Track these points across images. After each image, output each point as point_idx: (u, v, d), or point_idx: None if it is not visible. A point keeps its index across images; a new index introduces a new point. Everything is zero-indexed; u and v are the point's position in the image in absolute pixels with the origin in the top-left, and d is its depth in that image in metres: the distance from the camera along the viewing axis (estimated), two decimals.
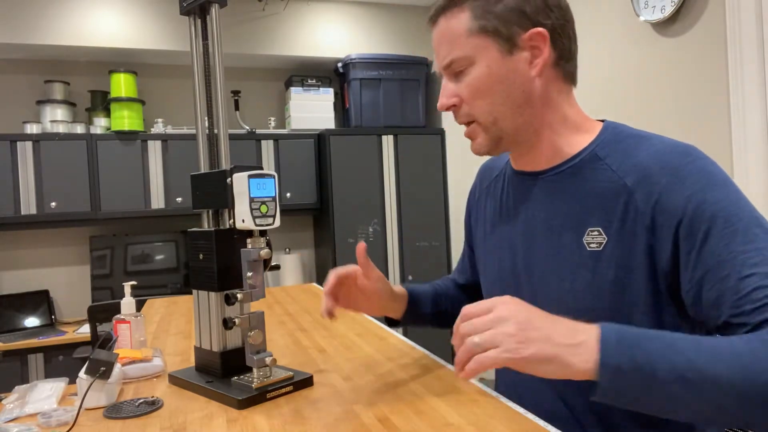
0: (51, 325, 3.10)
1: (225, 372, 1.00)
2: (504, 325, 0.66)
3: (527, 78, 0.85)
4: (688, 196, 0.75)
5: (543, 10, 0.84)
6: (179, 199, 3.20)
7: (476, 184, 1.11)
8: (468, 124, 0.89)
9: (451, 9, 0.86)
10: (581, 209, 0.85)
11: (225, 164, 1.06)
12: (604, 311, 0.81)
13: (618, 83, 2.28)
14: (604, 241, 0.82)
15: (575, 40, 0.88)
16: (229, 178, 0.97)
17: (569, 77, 0.89)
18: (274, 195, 0.96)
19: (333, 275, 0.98)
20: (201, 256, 1.01)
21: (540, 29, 0.83)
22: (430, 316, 1.13)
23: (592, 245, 0.83)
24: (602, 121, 0.91)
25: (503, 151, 0.91)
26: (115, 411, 0.90)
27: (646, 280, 0.78)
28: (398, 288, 1.07)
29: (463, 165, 3.59)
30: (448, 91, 0.88)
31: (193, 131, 3.26)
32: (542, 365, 0.64)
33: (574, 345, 0.64)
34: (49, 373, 2.84)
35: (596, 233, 0.83)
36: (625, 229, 0.80)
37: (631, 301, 0.79)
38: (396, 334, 1.32)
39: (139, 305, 1.58)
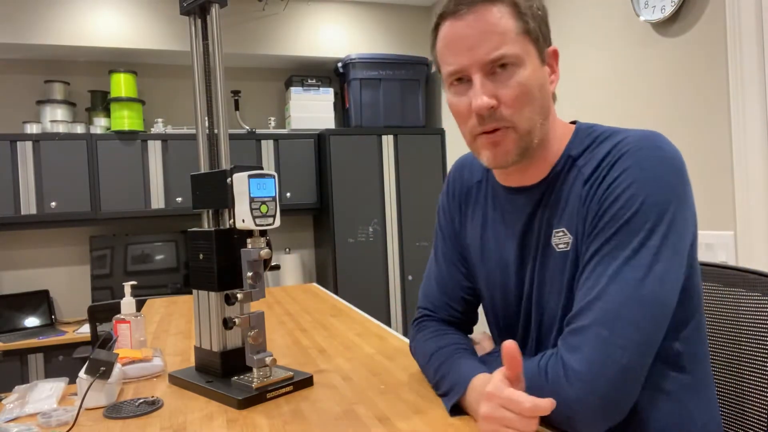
0: (51, 325, 3.10)
1: (225, 372, 1.00)
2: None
3: (549, 92, 0.85)
4: (610, 190, 0.77)
5: (549, 31, 0.85)
6: (179, 199, 3.20)
7: (450, 195, 1.04)
8: (496, 129, 0.81)
9: (494, 2, 0.80)
10: (552, 214, 0.85)
11: (225, 164, 1.06)
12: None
13: (618, 83, 2.28)
14: (570, 240, 0.82)
15: None
16: (229, 178, 0.97)
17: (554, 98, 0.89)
18: (274, 195, 0.96)
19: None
20: (201, 256, 1.01)
21: (555, 48, 0.85)
22: None
23: (560, 246, 0.83)
24: (574, 123, 0.91)
25: (522, 162, 0.85)
26: (115, 411, 0.90)
27: None
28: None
29: None
30: (487, 89, 0.79)
31: (193, 131, 3.26)
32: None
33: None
34: (49, 373, 2.83)
35: (562, 234, 0.83)
36: (583, 226, 0.81)
37: None
38: (396, 334, 1.32)
39: (139, 305, 1.58)
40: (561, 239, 0.83)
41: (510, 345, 0.69)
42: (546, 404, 0.66)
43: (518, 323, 0.91)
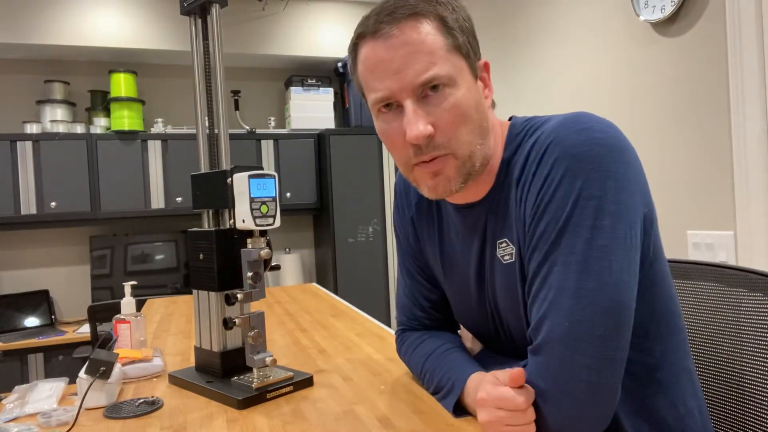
0: (51, 325, 3.10)
1: (225, 372, 1.00)
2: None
3: (486, 107, 0.78)
4: (543, 185, 0.71)
5: (477, 43, 0.78)
6: (179, 199, 3.20)
7: (403, 198, 0.99)
8: (435, 158, 0.74)
9: (417, 18, 0.73)
10: (497, 225, 0.80)
11: (225, 164, 1.06)
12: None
13: (617, 83, 2.28)
14: (513, 251, 0.77)
15: None
16: (230, 178, 0.97)
17: (492, 106, 0.82)
18: (274, 195, 0.96)
19: None
20: (201, 256, 1.01)
21: (486, 60, 0.78)
22: None
23: (505, 258, 0.78)
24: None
25: (460, 189, 0.77)
26: (115, 411, 0.90)
27: None
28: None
29: None
30: (421, 116, 0.72)
31: (193, 131, 3.26)
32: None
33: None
34: (49, 373, 2.83)
35: (504, 244, 0.78)
36: (524, 233, 0.75)
37: None
38: None
39: (139, 305, 1.58)
40: (505, 250, 0.78)
41: (516, 374, 0.68)
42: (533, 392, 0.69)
43: (491, 336, 0.89)
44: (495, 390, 0.69)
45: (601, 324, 0.66)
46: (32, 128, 3.01)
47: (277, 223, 0.96)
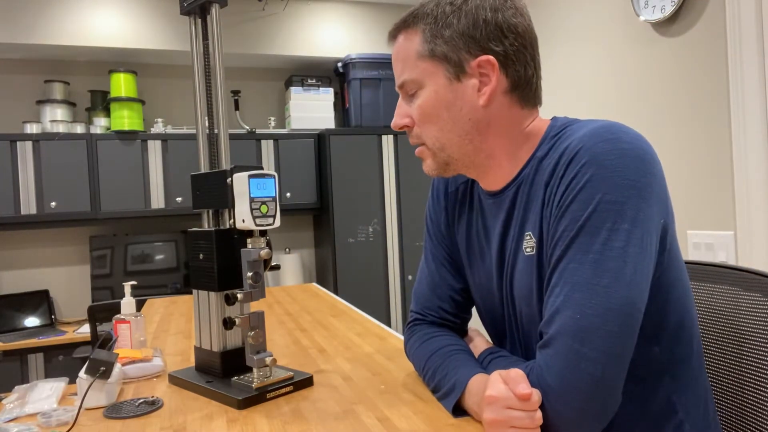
0: (51, 325, 3.10)
1: (225, 372, 1.00)
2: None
3: (474, 106, 0.82)
4: (570, 187, 0.74)
5: (495, 36, 0.80)
6: (179, 199, 3.20)
7: (440, 189, 1.04)
8: (419, 145, 0.88)
9: (407, 29, 0.85)
10: (524, 218, 0.84)
11: (225, 164, 1.06)
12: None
13: (618, 83, 2.28)
14: (535, 244, 0.81)
15: (535, 66, 0.84)
16: (229, 178, 0.97)
17: (528, 102, 0.85)
18: (274, 195, 0.96)
19: None
20: (201, 256, 1.01)
21: (488, 57, 0.80)
22: None
23: (527, 249, 0.82)
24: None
25: (453, 174, 0.89)
26: (115, 411, 0.90)
27: None
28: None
29: None
30: (402, 110, 0.88)
31: (193, 131, 3.26)
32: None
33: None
34: (49, 373, 2.84)
35: (528, 237, 0.82)
36: (546, 230, 0.78)
37: None
38: (396, 334, 1.32)
39: (139, 305, 1.58)
40: (528, 243, 0.82)
41: (523, 376, 0.71)
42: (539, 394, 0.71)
43: (505, 327, 0.91)
44: (505, 390, 0.71)
45: (612, 320, 0.69)
46: (32, 128, 3.01)
47: (277, 223, 0.96)
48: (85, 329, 2.91)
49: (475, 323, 1.05)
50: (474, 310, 1.04)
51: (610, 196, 0.71)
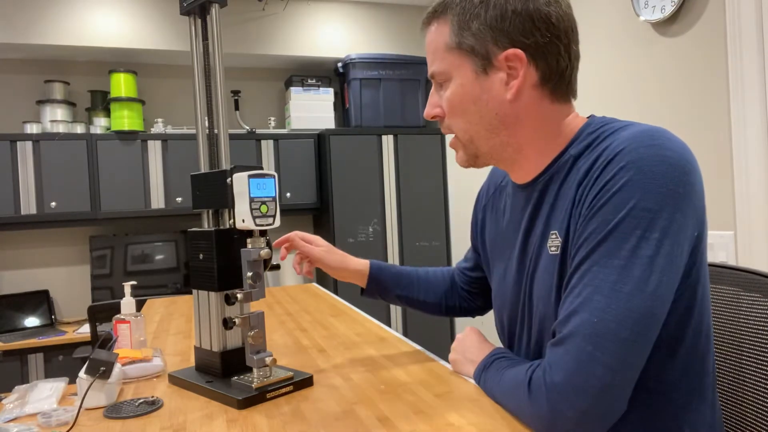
0: (51, 325, 3.10)
1: (225, 372, 1.00)
2: (452, 351, 1.03)
3: (501, 101, 0.80)
4: (604, 188, 0.72)
5: (525, 27, 0.77)
6: (179, 199, 3.20)
7: (484, 189, 1.09)
8: (450, 135, 0.89)
9: (437, 19, 0.85)
10: (550, 216, 0.82)
11: (225, 164, 1.06)
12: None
13: (618, 83, 2.28)
14: (560, 243, 0.79)
15: (570, 57, 0.80)
16: (229, 178, 0.97)
17: (561, 96, 0.82)
18: (274, 195, 0.96)
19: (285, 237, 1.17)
20: (201, 256, 1.01)
21: (516, 50, 0.77)
22: (393, 296, 1.17)
23: (552, 248, 0.80)
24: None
25: (484, 165, 0.90)
26: (115, 411, 0.90)
27: None
28: (362, 262, 1.17)
29: None
30: (433, 100, 0.88)
31: (193, 131, 3.26)
32: (461, 371, 1.00)
33: (473, 362, 0.95)
34: (49, 373, 2.83)
35: (554, 236, 0.80)
36: (574, 230, 0.77)
37: None
38: (396, 334, 1.32)
39: (139, 305, 1.58)
40: (553, 242, 0.80)
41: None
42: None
43: (518, 324, 0.91)
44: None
45: (629, 328, 0.67)
46: (32, 128, 3.02)
47: (277, 223, 0.96)
48: (85, 329, 2.91)
49: (474, 323, 1.07)
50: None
51: (645, 203, 0.69)
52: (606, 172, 0.73)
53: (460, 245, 3.52)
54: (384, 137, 3.42)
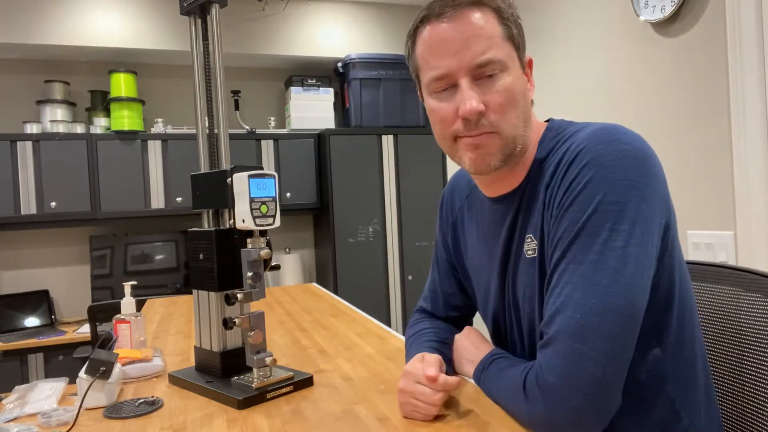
0: (51, 325, 3.10)
1: (225, 372, 1.00)
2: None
3: (529, 101, 0.84)
4: (570, 186, 0.75)
5: (524, 39, 0.84)
6: (179, 199, 3.20)
7: (446, 206, 1.06)
8: (482, 134, 0.80)
9: (478, 7, 0.79)
10: (526, 221, 0.84)
11: (225, 164, 1.06)
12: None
13: (617, 83, 2.28)
14: (536, 246, 0.81)
15: None
16: (229, 178, 0.97)
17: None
18: (274, 195, 0.96)
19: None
20: (201, 256, 1.01)
21: (531, 57, 0.84)
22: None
23: (528, 252, 0.82)
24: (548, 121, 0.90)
25: (499, 170, 0.83)
26: (115, 411, 0.90)
27: None
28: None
29: None
30: (474, 93, 0.78)
31: (193, 131, 3.26)
32: (460, 371, 0.97)
33: (472, 362, 0.92)
34: (49, 373, 2.83)
35: (530, 240, 0.82)
36: (547, 231, 0.79)
37: None
38: (396, 334, 1.32)
39: (139, 305, 1.58)
40: (529, 245, 0.82)
41: (431, 359, 0.84)
42: (453, 381, 0.79)
43: (508, 330, 0.93)
44: (421, 367, 0.81)
45: (612, 320, 0.68)
46: (32, 128, 3.01)
47: (277, 223, 0.96)
48: (85, 329, 2.91)
49: (477, 323, 1.07)
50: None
51: (610, 196, 0.71)
52: (570, 171, 0.75)
53: None
54: (384, 137, 3.42)
